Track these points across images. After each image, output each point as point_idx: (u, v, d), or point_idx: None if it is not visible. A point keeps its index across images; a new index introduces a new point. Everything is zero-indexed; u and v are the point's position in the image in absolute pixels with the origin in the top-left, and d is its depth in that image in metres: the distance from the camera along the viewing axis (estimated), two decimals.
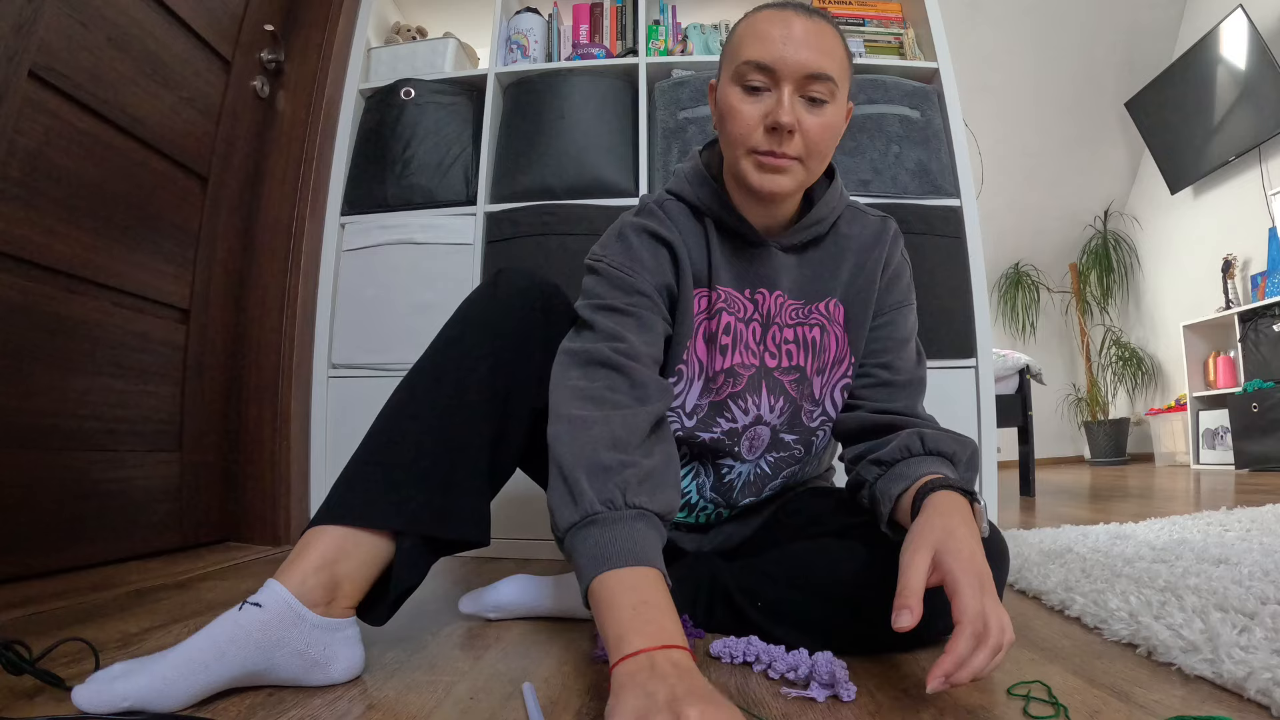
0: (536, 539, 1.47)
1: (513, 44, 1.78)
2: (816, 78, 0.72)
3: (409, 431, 0.72)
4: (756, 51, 0.73)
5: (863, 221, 0.89)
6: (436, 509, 0.70)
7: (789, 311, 0.85)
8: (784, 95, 0.72)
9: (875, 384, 0.86)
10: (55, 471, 1.21)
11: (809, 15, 0.74)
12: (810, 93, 0.73)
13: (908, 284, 0.90)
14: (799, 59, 0.72)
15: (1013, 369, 2.75)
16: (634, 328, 0.76)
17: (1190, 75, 4.06)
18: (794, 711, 0.59)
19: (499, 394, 0.75)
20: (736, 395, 0.83)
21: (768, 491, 0.90)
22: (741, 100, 0.74)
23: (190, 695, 0.58)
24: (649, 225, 0.82)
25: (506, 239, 1.57)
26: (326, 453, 1.58)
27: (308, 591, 0.64)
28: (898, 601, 0.57)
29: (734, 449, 0.86)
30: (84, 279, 1.27)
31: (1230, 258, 3.97)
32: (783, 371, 0.84)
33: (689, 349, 0.82)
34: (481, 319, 0.78)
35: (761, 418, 0.85)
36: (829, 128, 0.74)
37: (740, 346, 0.83)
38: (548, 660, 0.75)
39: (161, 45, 1.43)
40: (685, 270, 0.82)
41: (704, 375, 0.83)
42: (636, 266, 0.80)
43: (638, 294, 0.78)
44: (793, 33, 0.72)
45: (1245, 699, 0.57)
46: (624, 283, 0.78)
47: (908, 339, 0.88)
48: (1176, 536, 1.38)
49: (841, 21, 1.78)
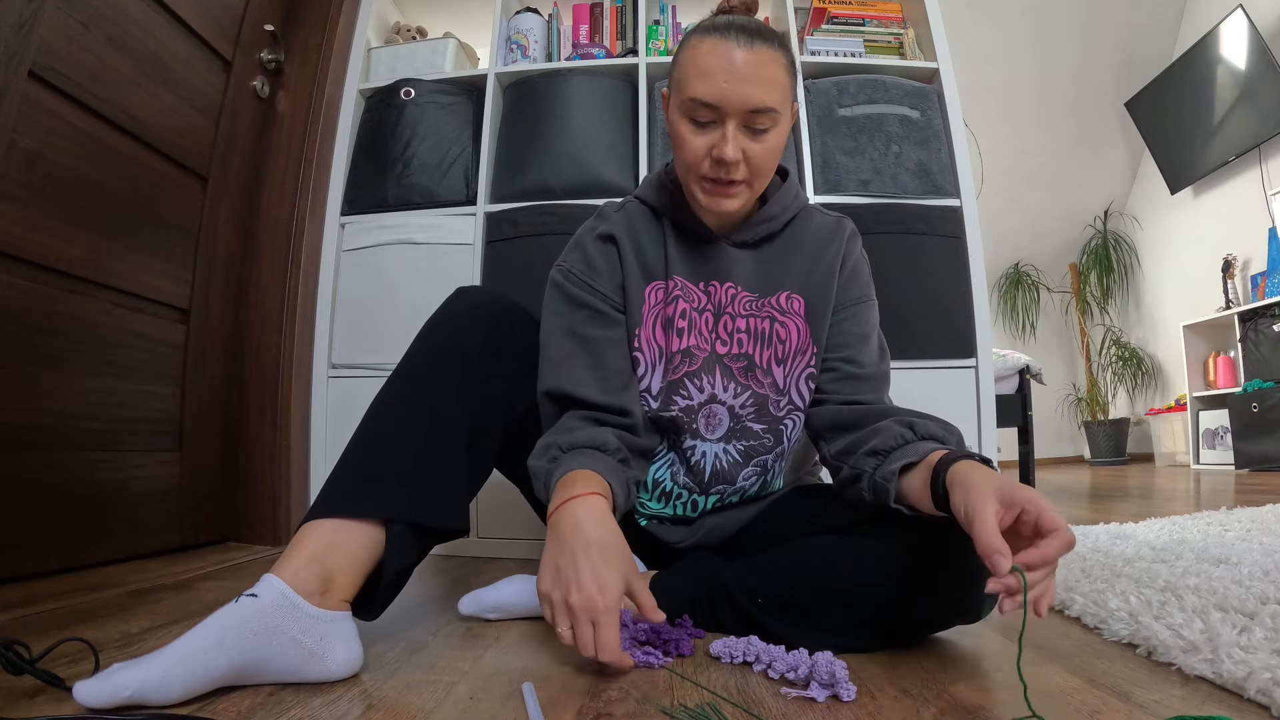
0: (537, 539, 1.47)
1: (513, 44, 1.78)
2: (759, 112, 0.77)
3: (391, 430, 0.77)
4: (700, 90, 0.77)
5: (818, 221, 0.95)
6: (421, 498, 0.74)
7: (742, 303, 0.90)
8: (728, 130, 0.78)
9: (840, 377, 0.90)
10: (55, 471, 1.21)
11: (749, 43, 0.77)
12: (754, 125, 0.78)
13: (867, 280, 0.95)
14: (741, 96, 0.76)
15: (1013, 369, 2.75)
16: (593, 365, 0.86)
17: (1190, 75, 4.06)
18: (794, 711, 0.59)
19: (469, 405, 0.80)
20: (692, 374, 0.89)
21: (742, 480, 0.91)
22: (690, 133, 0.80)
23: (189, 684, 0.58)
24: (599, 228, 0.93)
25: (506, 239, 1.57)
26: (326, 453, 1.58)
27: (301, 583, 0.66)
28: (986, 550, 0.56)
29: (693, 425, 0.89)
30: (84, 279, 1.27)
31: (1230, 258, 3.97)
32: (732, 359, 0.89)
33: (639, 336, 0.89)
34: (443, 341, 0.83)
35: (716, 396, 0.89)
36: (772, 151, 0.81)
37: (694, 331, 0.89)
38: (548, 660, 0.75)
39: (161, 45, 1.43)
40: (630, 263, 0.90)
41: (664, 359, 0.89)
42: (593, 274, 0.90)
43: (596, 295, 0.89)
44: (736, 70, 0.76)
45: (1245, 699, 0.57)
46: (580, 296, 0.89)
47: (869, 334, 0.92)
48: (1176, 536, 1.38)
49: (841, 22, 1.78)
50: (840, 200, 1.57)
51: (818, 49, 1.73)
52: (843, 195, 1.58)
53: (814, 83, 1.67)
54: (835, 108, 1.62)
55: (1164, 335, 4.62)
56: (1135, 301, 4.93)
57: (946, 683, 0.65)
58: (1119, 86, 4.47)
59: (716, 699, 0.61)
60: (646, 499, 0.93)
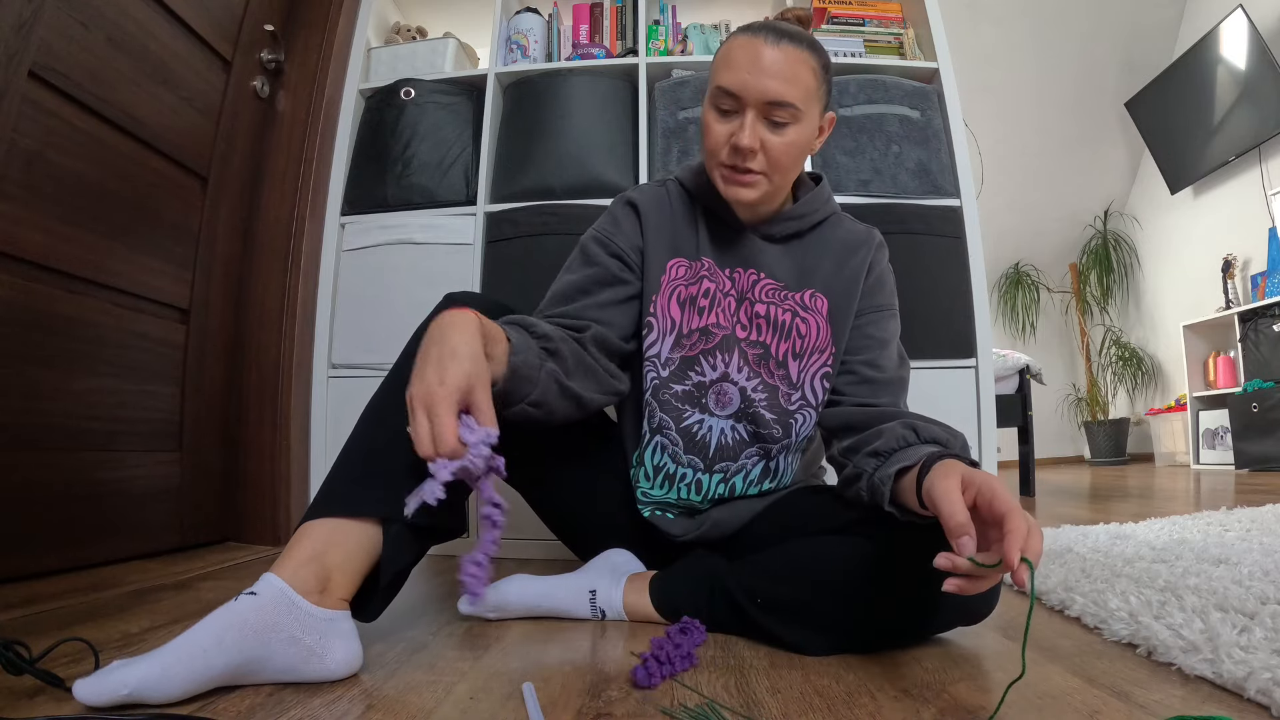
0: (537, 539, 1.47)
1: (513, 44, 1.78)
2: (778, 105, 0.81)
3: (387, 431, 0.76)
4: (726, 79, 0.82)
5: (848, 227, 0.98)
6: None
7: (766, 292, 0.93)
8: (747, 119, 0.82)
9: (858, 380, 0.91)
10: (55, 471, 1.21)
11: (778, 42, 0.81)
12: (773, 117, 0.82)
13: (891, 291, 0.98)
14: (761, 88, 0.80)
15: (1013, 369, 2.75)
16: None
17: (1190, 75, 4.06)
18: (793, 711, 0.59)
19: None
20: (707, 352, 0.92)
21: (744, 459, 0.91)
22: (714, 120, 0.85)
23: (189, 683, 0.58)
24: (629, 196, 0.98)
25: (506, 239, 1.57)
26: (326, 453, 1.58)
27: (300, 581, 0.66)
28: (953, 531, 0.56)
29: (702, 400, 0.92)
30: (84, 279, 1.27)
31: (1230, 258, 3.97)
32: (749, 344, 0.92)
33: (655, 303, 0.93)
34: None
35: (729, 375, 0.92)
36: (791, 145, 0.84)
37: (716, 310, 0.93)
38: (548, 660, 0.75)
39: (161, 45, 1.43)
40: (653, 233, 0.95)
41: (675, 332, 0.93)
42: (615, 232, 0.95)
43: (611, 257, 0.93)
44: (760, 62, 0.81)
45: (1245, 699, 0.57)
46: (596, 256, 0.94)
47: (889, 340, 0.94)
48: (1176, 536, 1.38)
49: (841, 22, 1.78)
50: (840, 200, 1.56)
51: None
52: (843, 195, 1.58)
53: None
54: (835, 107, 1.62)
55: (1164, 335, 4.62)
56: (1135, 301, 4.93)
57: (946, 683, 0.65)
58: (1119, 86, 4.47)
59: (716, 698, 0.61)
60: (649, 486, 0.93)
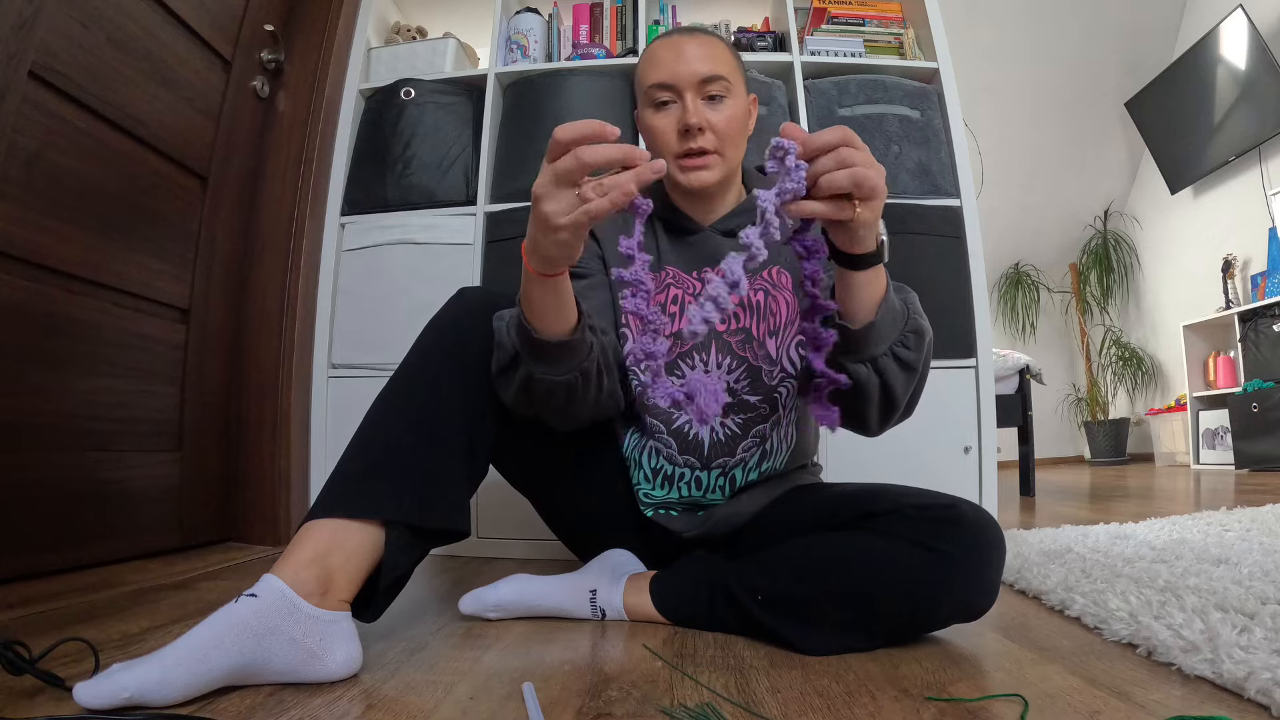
0: (537, 539, 1.47)
1: (513, 44, 1.78)
2: (711, 79, 0.86)
3: (392, 431, 0.77)
4: (657, 75, 0.88)
5: None
6: (421, 500, 0.74)
7: None
8: (687, 101, 0.87)
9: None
10: (55, 471, 1.21)
11: (692, 34, 0.89)
12: (709, 92, 0.87)
13: None
14: (691, 70, 0.86)
15: (1013, 369, 2.75)
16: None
17: (1190, 75, 4.06)
18: (793, 711, 0.59)
19: (469, 406, 0.80)
20: (685, 355, 0.92)
21: (741, 452, 0.92)
22: (655, 117, 0.89)
23: (189, 685, 0.58)
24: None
25: (507, 239, 1.57)
26: (326, 453, 1.58)
27: (301, 583, 0.66)
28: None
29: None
30: (84, 279, 1.27)
31: (1230, 258, 3.97)
32: (730, 334, 0.93)
33: (625, 316, 0.94)
34: (443, 343, 0.84)
35: (710, 372, 0.93)
36: (733, 119, 0.88)
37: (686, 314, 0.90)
38: (548, 660, 0.75)
39: (161, 45, 1.43)
40: (611, 250, 0.97)
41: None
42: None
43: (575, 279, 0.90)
44: (684, 53, 0.87)
45: (1245, 699, 0.57)
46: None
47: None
48: (1176, 536, 1.38)
49: (841, 22, 1.79)
50: None
51: (818, 49, 1.73)
52: None
53: (814, 83, 1.67)
54: (835, 108, 1.62)
55: (1164, 335, 4.62)
56: (1135, 301, 4.93)
57: (946, 683, 0.65)
58: (1119, 86, 4.47)
59: (716, 698, 0.61)
60: (649, 487, 0.93)
